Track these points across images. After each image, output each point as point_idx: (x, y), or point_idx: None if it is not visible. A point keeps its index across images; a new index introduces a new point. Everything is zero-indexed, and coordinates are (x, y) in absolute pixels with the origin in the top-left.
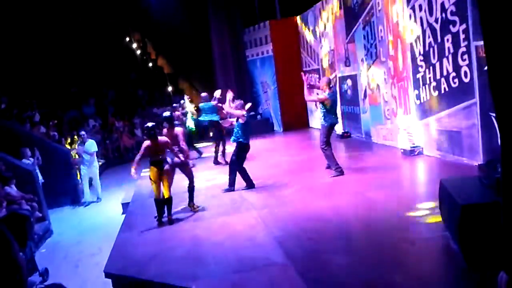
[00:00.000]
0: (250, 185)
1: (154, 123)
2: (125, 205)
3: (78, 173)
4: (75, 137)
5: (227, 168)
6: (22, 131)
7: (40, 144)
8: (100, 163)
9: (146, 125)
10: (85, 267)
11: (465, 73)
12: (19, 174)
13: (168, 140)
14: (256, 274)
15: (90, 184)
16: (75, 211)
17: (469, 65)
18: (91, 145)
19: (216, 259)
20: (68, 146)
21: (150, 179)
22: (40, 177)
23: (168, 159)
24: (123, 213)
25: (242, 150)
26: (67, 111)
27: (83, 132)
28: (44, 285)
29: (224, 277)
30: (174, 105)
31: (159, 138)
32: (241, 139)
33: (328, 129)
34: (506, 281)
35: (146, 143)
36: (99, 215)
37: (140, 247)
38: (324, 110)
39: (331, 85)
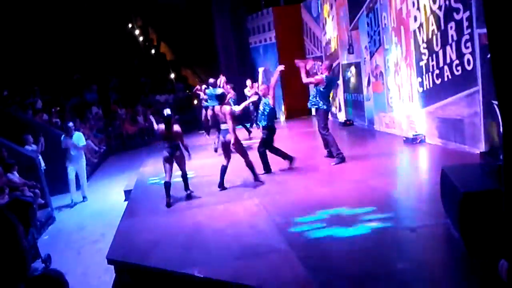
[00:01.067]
0: (267, 169)
1: (170, 113)
2: (127, 192)
3: None
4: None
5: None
6: (25, 118)
7: (42, 131)
8: (102, 150)
9: (163, 112)
10: (87, 253)
11: (468, 61)
12: (21, 160)
13: (180, 132)
14: (258, 261)
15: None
16: (77, 198)
17: (472, 53)
18: (80, 138)
19: (218, 246)
20: None
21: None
22: (43, 164)
23: (221, 137)
24: (125, 200)
25: (272, 133)
26: (69, 98)
27: (70, 124)
28: (40, 272)
29: (226, 264)
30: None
31: (174, 127)
32: (270, 123)
33: (326, 114)
34: (507, 269)
35: (161, 128)
36: (102, 202)
37: (143, 234)
38: (318, 93)
39: (331, 70)
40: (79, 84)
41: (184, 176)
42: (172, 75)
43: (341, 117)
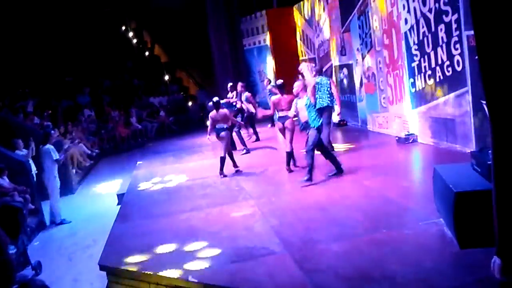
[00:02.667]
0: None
1: (218, 99)
2: (120, 196)
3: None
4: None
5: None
6: (15, 121)
7: (33, 135)
8: (94, 154)
9: (213, 100)
10: (79, 259)
11: (458, 62)
12: (11, 165)
13: (225, 114)
14: (253, 264)
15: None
16: (69, 203)
17: (461, 54)
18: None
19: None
20: (62, 137)
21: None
22: (34, 168)
23: (279, 123)
24: (118, 204)
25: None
26: (61, 101)
27: (54, 131)
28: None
29: (222, 268)
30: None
31: (220, 110)
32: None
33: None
34: (499, 266)
35: (212, 113)
36: (94, 206)
37: (135, 239)
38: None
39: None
40: (72, 87)
41: (223, 159)
42: (166, 77)
43: (335, 117)
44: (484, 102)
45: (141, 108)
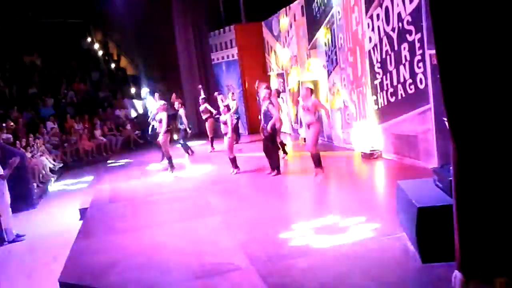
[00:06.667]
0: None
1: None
2: (82, 211)
3: None
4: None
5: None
6: None
7: None
8: (57, 167)
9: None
10: (38, 277)
11: (421, 80)
12: None
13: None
14: (219, 279)
15: None
16: (30, 218)
17: (424, 73)
18: None
19: (179, 266)
20: (23, 150)
21: None
22: None
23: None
24: (80, 219)
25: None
26: (22, 113)
27: None
28: None
29: (187, 284)
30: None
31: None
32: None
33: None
34: (460, 280)
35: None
36: (55, 221)
37: (98, 255)
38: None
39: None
40: (34, 98)
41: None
42: (133, 90)
43: (302, 133)
44: (446, 119)
45: (106, 120)
